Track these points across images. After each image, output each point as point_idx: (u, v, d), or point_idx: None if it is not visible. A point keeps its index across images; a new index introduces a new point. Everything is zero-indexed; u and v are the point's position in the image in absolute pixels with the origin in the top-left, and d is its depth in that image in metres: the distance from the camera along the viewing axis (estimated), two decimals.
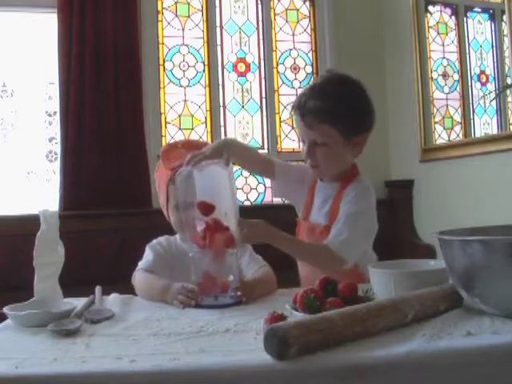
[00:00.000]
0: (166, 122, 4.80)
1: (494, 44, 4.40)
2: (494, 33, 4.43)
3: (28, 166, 4.67)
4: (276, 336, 1.20)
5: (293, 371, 1.18)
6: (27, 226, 2.32)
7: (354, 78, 2.25)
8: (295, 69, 5.14)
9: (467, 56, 4.52)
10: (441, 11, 4.77)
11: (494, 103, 4.40)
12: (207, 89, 4.92)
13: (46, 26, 4.56)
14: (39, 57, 4.62)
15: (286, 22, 5.15)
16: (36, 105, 4.71)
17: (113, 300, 1.99)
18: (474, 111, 4.48)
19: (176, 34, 4.90)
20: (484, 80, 4.47)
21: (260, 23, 5.09)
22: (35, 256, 1.91)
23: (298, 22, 5.18)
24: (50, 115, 4.70)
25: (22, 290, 2.30)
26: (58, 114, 4.43)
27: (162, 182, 2.29)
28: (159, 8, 4.83)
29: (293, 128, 5.08)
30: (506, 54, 4.06)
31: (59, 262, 1.96)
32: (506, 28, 3.87)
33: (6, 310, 1.69)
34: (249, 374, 1.18)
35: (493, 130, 4.35)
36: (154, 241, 2.31)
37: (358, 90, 2.24)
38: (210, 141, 4.80)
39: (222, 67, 4.98)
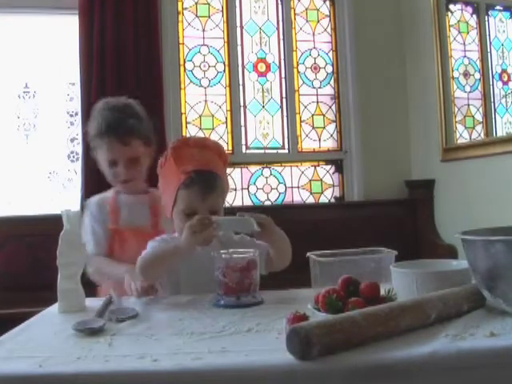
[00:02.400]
0: (186, 122, 4.82)
1: None
2: None
3: (50, 166, 4.69)
4: (298, 336, 1.20)
5: (315, 371, 1.18)
6: (49, 226, 2.34)
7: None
8: (315, 68, 5.14)
9: (488, 55, 4.49)
10: (462, 10, 4.74)
11: None
12: (227, 89, 4.93)
13: (67, 28, 4.59)
14: (60, 58, 4.65)
15: (307, 21, 5.15)
16: (57, 105, 4.74)
17: (135, 300, 2.00)
18: (495, 110, 4.44)
19: (196, 35, 4.91)
20: (505, 79, 4.44)
21: (280, 23, 5.09)
22: (59, 255, 1.92)
23: (318, 21, 5.18)
24: (71, 115, 4.73)
25: (43, 289, 2.32)
26: (80, 114, 4.46)
27: (171, 183, 2.22)
28: (179, 9, 4.85)
29: (313, 128, 5.08)
30: None
31: (82, 262, 1.97)
32: None
33: None
34: (271, 373, 1.18)
35: None
36: (157, 237, 2.29)
37: (142, 110, 2.71)
38: (230, 141, 4.82)
39: (243, 67, 4.99)
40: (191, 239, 1.97)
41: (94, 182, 4.28)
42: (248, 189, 4.92)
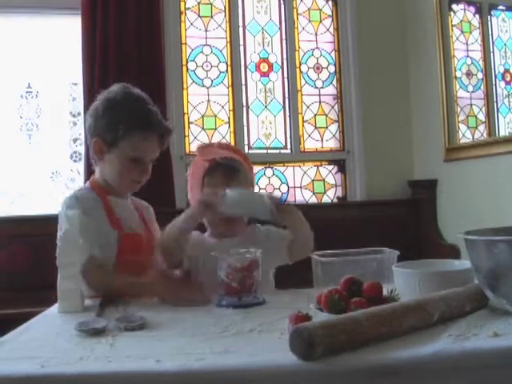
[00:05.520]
0: (189, 123, 4.82)
1: None
2: None
3: (52, 166, 4.70)
4: (301, 336, 1.19)
5: (318, 371, 1.18)
6: (51, 226, 2.33)
7: None
8: (318, 68, 5.13)
9: (491, 54, 4.48)
10: (464, 9, 4.74)
11: None
12: (230, 89, 4.93)
13: (69, 28, 4.59)
14: (63, 58, 4.65)
15: (309, 21, 5.15)
16: (60, 106, 4.74)
17: (136, 301, 1.99)
18: (498, 110, 4.44)
19: (199, 35, 4.91)
20: (508, 79, 4.43)
21: (283, 23, 5.09)
22: (58, 256, 1.92)
23: (320, 21, 5.17)
24: (74, 116, 4.73)
25: (45, 289, 2.32)
26: (82, 114, 4.46)
27: (197, 175, 2.30)
28: (182, 9, 4.85)
29: (316, 128, 5.08)
30: None
31: (81, 262, 1.97)
32: None
33: None
34: (274, 374, 1.18)
35: None
36: None
37: None
38: (233, 141, 4.82)
39: (245, 67, 4.99)
40: (200, 206, 2.06)
41: None
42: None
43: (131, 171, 2.28)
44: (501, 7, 4.54)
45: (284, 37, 5.08)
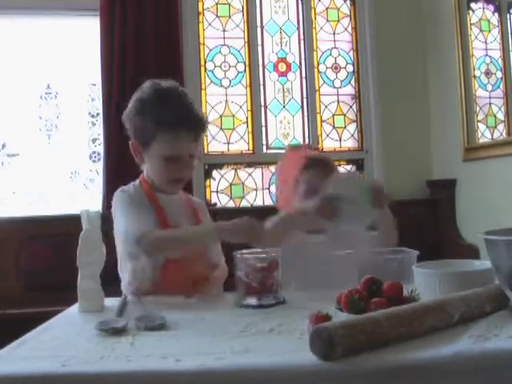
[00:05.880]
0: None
1: None
2: None
3: (71, 166, 4.72)
4: (321, 336, 1.19)
5: (338, 372, 1.18)
6: (70, 225, 2.34)
7: None
8: (336, 68, 5.13)
9: (511, 53, 4.45)
10: (483, 8, 4.71)
11: None
12: (248, 89, 4.94)
13: (89, 29, 4.61)
14: (82, 59, 4.68)
15: (327, 21, 5.15)
16: (79, 106, 4.77)
17: (155, 300, 2.00)
18: None
19: (217, 35, 4.93)
20: None
21: (301, 23, 5.09)
22: (78, 255, 1.93)
23: (338, 21, 5.17)
24: (92, 116, 4.75)
25: (65, 289, 2.33)
26: (101, 115, 4.48)
27: (291, 170, 2.41)
28: (200, 9, 4.87)
29: (334, 128, 5.07)
30: None
31: (101, 262, 1.97)
32: None
33: None
34: (294, 374, 1.18)
35: None
36: None
37: None
38: (251, 141, 4.83)
39: (263, 67, 5.00)
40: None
41: (115, 182, 4.30)
42: (269, 189, 4.92)
43: (169, 170, 2.24)
44: None
45: (302, 36, 5.09)
